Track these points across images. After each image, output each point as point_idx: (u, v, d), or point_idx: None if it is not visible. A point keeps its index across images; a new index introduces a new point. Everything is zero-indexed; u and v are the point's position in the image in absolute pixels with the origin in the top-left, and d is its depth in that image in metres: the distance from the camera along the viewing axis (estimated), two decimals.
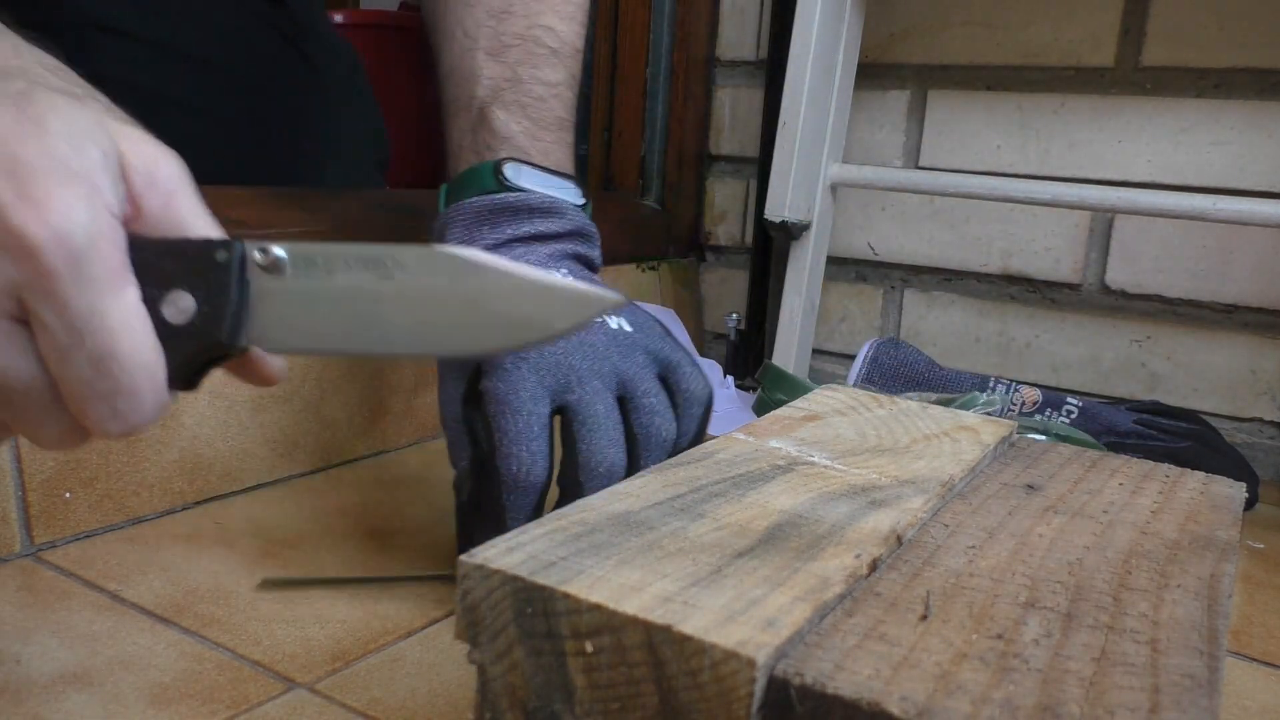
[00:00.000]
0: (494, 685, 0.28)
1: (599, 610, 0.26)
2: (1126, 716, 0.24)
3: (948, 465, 0.40)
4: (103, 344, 0.31)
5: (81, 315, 0.30)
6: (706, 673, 0.25)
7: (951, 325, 1.08)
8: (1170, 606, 0.31)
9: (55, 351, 0.31)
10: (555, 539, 0.30)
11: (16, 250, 0.29)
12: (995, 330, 1.06)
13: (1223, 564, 0.34)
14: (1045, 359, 1.04)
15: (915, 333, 1.10)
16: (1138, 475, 0.44)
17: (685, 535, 0.31)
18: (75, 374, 0.31)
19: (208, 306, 0.33)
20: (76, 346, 0.31)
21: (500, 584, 0.27)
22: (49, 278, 0.30)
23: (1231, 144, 0.93)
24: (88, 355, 0.31)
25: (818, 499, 0.35)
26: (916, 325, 1.10)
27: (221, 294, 0.33)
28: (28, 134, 0.30)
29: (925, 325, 1.09)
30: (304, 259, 0.34)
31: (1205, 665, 0.27)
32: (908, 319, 1.10)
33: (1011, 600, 0.30)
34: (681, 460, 0.39)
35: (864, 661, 0.26)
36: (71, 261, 0.30)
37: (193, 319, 0.33)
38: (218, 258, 0.33)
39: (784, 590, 0.28)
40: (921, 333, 1.09)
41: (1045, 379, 1.03)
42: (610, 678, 0.26)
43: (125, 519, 0.61)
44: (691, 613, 0.26)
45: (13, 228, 0.29)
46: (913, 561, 0.32)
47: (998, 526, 0.36)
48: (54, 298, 0.30)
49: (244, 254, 0.33)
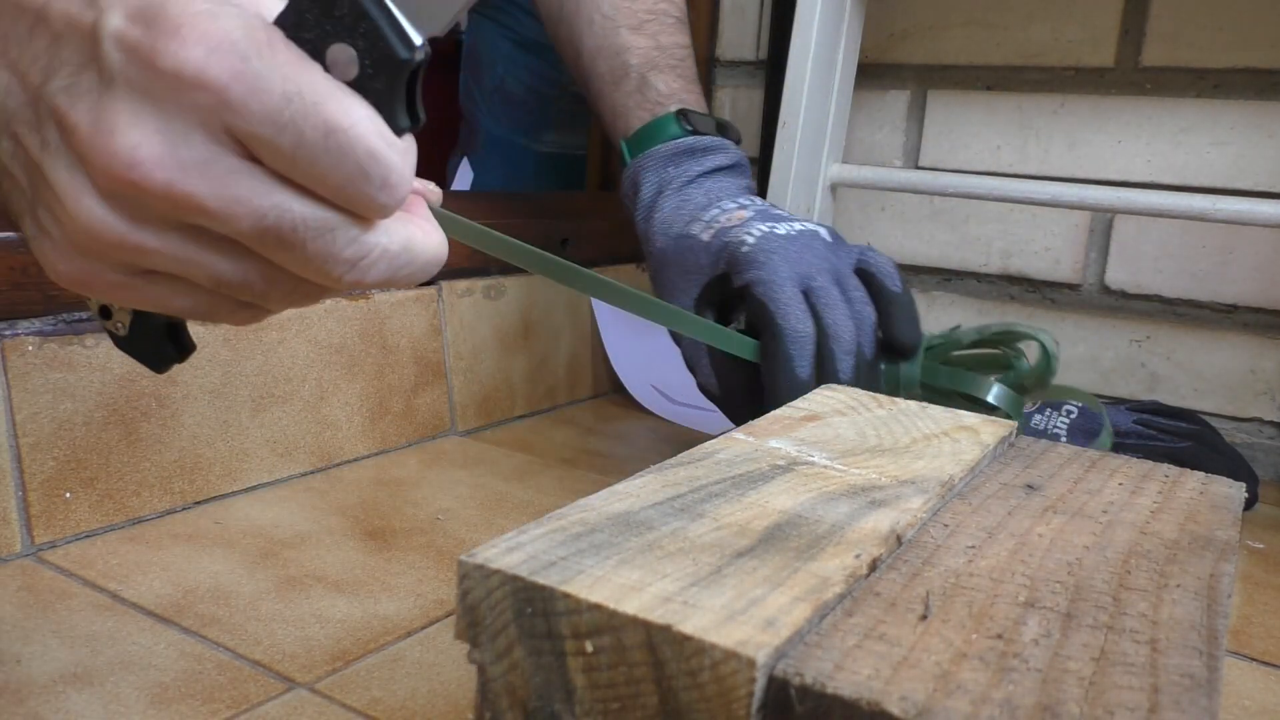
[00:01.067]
0: (494, 685, 0.28)
1: (599, 610, 0.26)
2: (1126, 716, 0.24)
3: (947, 465, 0.41)
4: (318, 122, 0.29)
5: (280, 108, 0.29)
6: (706, 672, 0.25)
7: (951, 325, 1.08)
8: (1170, 606, 0.31)
9: (286, 160, 0.30)
10: (555, 539, 0.30)
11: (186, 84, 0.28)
12: None
13: (1222, 564, 0.34)
14: None
15: None
16: (1137, 475, 0.44)
17: (685, 535, 0.31)
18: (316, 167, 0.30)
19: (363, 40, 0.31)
20: (299, 141, 0.29)
21: (500, 584, 0.27)
22: (228, 90, 0.28)
23: (1231, 144, 0.93)
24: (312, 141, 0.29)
25: (817, 499, 0.35)
26: None
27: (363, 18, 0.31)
28: None
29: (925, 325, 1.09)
30: None
31: (1205, 665, 0.27)
32: None
33: (1011, 600, 0.30)
34: (681, 460, 0.39)
35: (864, 661, 0.26)
36: (241, 64, 0.28)
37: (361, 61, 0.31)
38: None
39: (784, 590, 0.28)
40: None
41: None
42: (610, 678, 0.26)
43: (125, 519, 0.61)
44: (691, 612, 0.26)
45: (167, 66, 0.28)
46: (912, 561, 0.32)
47: (997, 526, 0.36)
48: (246, 106, 0.29)
49: None
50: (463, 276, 0.85)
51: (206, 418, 0.65)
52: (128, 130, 0.29)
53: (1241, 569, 0.71)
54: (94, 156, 0.29)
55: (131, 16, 0.29)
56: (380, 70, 0.31)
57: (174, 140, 0.29)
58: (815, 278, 0.62)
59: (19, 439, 0.56)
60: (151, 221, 0.30)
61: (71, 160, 0.30)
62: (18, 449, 0.56)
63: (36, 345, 0.56)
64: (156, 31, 0.28)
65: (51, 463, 0.57)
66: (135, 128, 0.29)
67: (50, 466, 0.57)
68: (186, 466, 0.64)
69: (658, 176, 0.70)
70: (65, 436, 0.58)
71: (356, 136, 0.30)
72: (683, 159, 0.70)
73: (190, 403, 0.64)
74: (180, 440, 0.63)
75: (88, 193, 0.30)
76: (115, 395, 0.60)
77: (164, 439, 0.63)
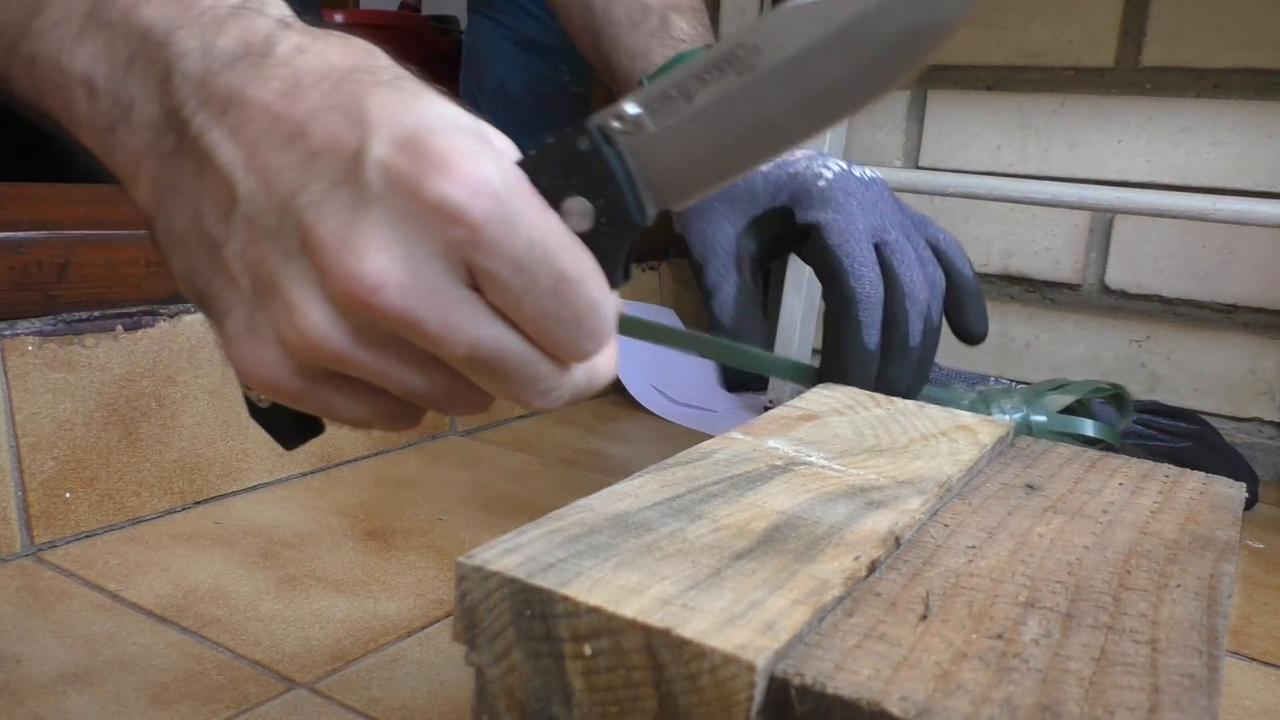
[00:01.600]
0: (492, 688, 0.28)
1: (598, 613, 0.26)
2: (1126, 716, 0.24)
3: (945, 465, 0.40)
4: (552, 270, 0.30)
5: (523, 253, 0.30)
6: (706, 676, 0.25)
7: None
8: (1170, 606, 0.31)
9: (513, 300, 0.31)
10: (554, 540, 0.30)
11: (445, 218, 0.29)
12: (995, 330, 1.06)
13: (1222, 564, 0.34)
14: (1045, 359, 1.04)
15: None
16: (1138, 475, 0.44)
17: (684, 536, 0.31)
18: (539, 311, 0.31)
19: (602, 199, 0.32)
20: (530, 285, 0.30)
21: (499, 586, 0.27)
22: (482, 230, 0.29)
23: (1231, 144, 0.93)
24: (543, 288, 0.30)
25: (816, 500, 0.35)
26: None
27: (608, 181, 0.32)
28: (412, 107, 0.30)
29: None
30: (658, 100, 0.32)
31: (1205, 665, 0.27)
32: None
33: (1011, 600, 0.30)
34: (679, 460, 0.39)
35: (864, 661, 0.26)
36: (497, 207, 0.29)
37: (597, 218, 0.32)
38: (581, 147, 0.32)
39: (783, 593, 0.28)
40: None
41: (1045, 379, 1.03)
42: (609, 681, 0.26)
43: (125, 519, 0.61)
44: (691, 616, 0.26)
45: (431, 199, 0.29)
46: (912, 561, 0.32)
47: (997, 526, 0.36)
48: (494, 247, 0.30)
49: (603, 129, 0.32)
50: None
51: (206, 418, 0.65)
52: (376, 255, 0.29)
53: (1241, 569, 0.71)
54: (337, 274, 0.29)
55: (398, 145, 0.30)
56: (612, 228, 0.32)
57: (417, 268, 0.30)
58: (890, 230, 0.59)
59: (19, 439, 0.56)
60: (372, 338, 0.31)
61: (309, 272, 0.30)
62: (17, 449, 0.56)
63: (36, 345, 0.57)
64: (424, 164, 0.29)
65: (51, 463, 0.57)
66: (384, 253, 0.29)
67: (50, 466, 0.57)
68: (186, 466, 0.64)
69: None
70: (65, 436, 0.58)
71: (584, 290, 0.31)
72: None
73: (190, 403, 0.64)
74: (180, 440, 0.63)
75: (319, 306, 0.30)
76: (115, 395, 0.60)
77: (164, 439, 0.63)
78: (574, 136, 0.32)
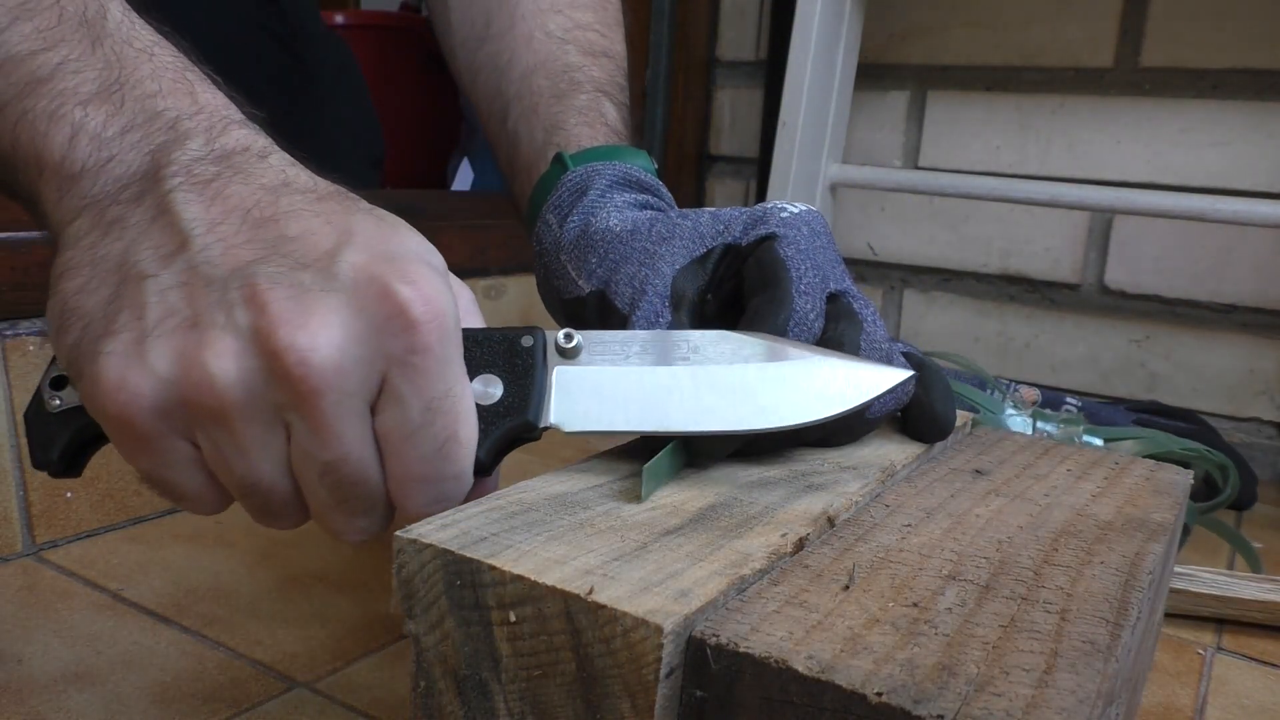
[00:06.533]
0: (427, 655, 0.29)
1: (521, 581, 0.27)
2: (1021, 676, 0.25)
3: (892, 452, 0.41)
4: (450, 426, 0.33)
5: (439, 395, 0.32)
6: (619, 639, 0.26)
7: (951, 325, 1.08)
8: (1088, 581, 0.31)
9: (402, 435, 0.33)
10: (490, 517, 0.31)
11: (400, 322, 0.31)
12: (994, 330, 1.06)
13: (1151, 543, 0.35)
14: (1044, 359, 1.04)
15: (915, 332, 1.10)
16: (1086, 462, 0.44)
17: (619, 515, 0.32)
18: (416, 455, 0.33)
19: (515, 389, 0.35)
20: (426, 429, 0.33)
21: (432, 558, 0.29)
22: (422, 353, 0.32)
23: (1230, 144, 0.93)
24: (434, 436, 0.33)
25: (755, 483, 0.36)
26: (916, 325, 1.10)
27: (527, 377, 0.35)
28: (391, 235, 0.33)
29: (925, 325, 1.10)
30: (600, 343, 0.36)
31: (1108, 633, 0.28)
32: (907, 319, 1.11)
33: (935, 573, 0.31)
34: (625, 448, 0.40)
35: (780, 625, 0.27)
36: (441, 339, 0.32)
37: (500, 401, 0.35)
38: (523, 343, 0.35)
39: (704, 565, 0.29)
40: (921, 333, 1.10)
41: (1044, 379, 1.03)
42: (532, 646, 0.27)
43: (126, 519, 0.62)
44: (609, 584, 0.27)
45: (399, 302, 0.31)
46: (846, 538, 0.33)
47: (937, 507, 0.37)
48: (421, 374, 0.32)
49: (545, 339, 0.36)
50: (463, 276, 0.86)
51: None
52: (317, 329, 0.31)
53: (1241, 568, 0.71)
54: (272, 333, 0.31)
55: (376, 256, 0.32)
56: (508, 418, 0.35)
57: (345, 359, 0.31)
58: (844, 281, 0.48)
59: (20, 438, 0.57)
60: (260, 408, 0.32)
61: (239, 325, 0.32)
62: (19, 449, 0.57)
63: (38, 345, 0.58)
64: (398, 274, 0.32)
65: None
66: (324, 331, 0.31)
67: None
68: None
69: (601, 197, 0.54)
70: None
71: (462, 458, 0.34)
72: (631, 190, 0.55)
73: None
74: None
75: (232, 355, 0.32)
76: None
77: None
78: (522, 331, 0.36)
